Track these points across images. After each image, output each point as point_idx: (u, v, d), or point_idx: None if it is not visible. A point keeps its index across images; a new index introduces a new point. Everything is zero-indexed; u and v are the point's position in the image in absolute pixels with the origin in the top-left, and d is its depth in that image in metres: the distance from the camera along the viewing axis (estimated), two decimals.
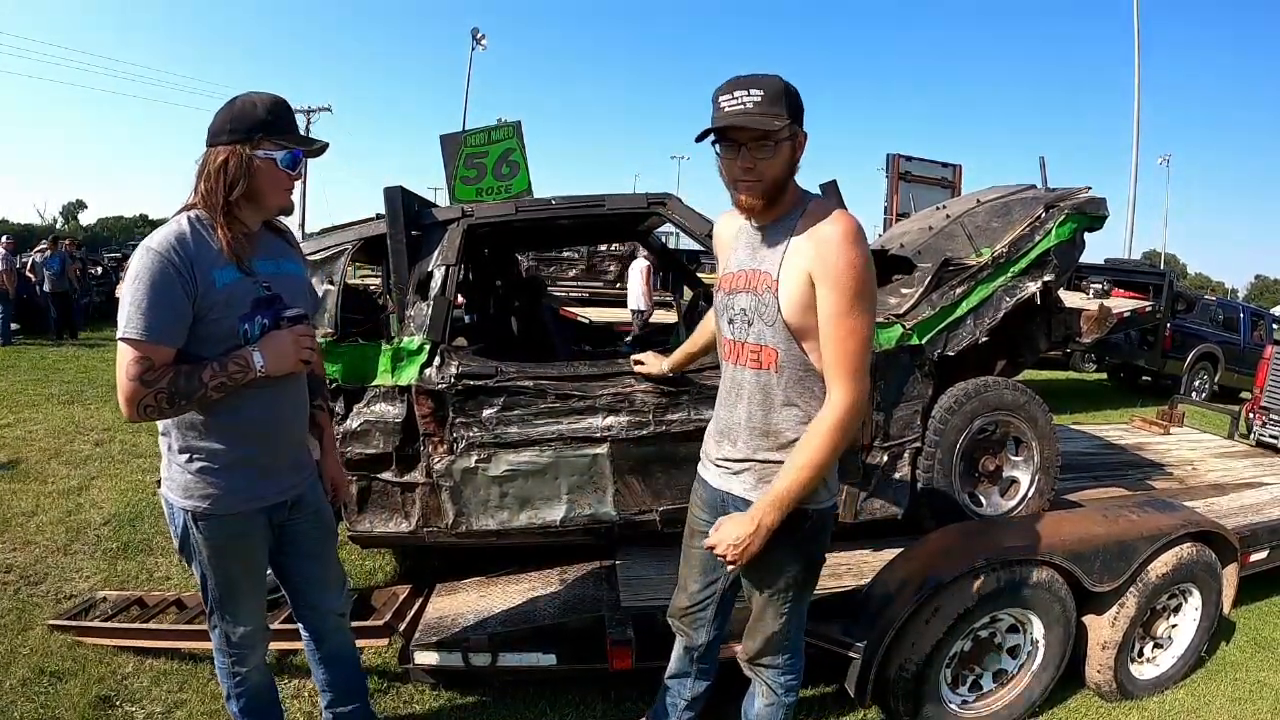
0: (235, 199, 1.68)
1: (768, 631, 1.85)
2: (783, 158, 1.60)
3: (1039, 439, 2.99)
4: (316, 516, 2.01)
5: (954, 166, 12.21)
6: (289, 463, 1.90)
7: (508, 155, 3.09)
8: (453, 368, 2.57)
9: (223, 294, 1.67)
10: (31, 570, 3.51)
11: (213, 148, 1.68)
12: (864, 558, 2.83)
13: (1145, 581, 2.67)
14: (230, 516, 1.78)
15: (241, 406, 1.73)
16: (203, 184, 1.68)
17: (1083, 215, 3.10)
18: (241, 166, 1.66)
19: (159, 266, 1.59)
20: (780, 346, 1.65)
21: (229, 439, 1.75)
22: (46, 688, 2.59)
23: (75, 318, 12.17)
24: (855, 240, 1.57)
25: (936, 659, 2.38)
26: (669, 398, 2.59)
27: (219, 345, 1.69)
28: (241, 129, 1.67)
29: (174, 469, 1.76)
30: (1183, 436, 5.17)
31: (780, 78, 1.59)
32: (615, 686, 2.67)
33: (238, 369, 1.67)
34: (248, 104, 1.69)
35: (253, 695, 2.01)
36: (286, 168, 1.72)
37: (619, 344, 5.42)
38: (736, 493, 1.77)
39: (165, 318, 1.60)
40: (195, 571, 1.86)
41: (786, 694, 1.91)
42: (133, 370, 1.58)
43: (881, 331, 2.73)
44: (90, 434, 5.94)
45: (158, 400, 1.60)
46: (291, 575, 2.02)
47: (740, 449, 1.75)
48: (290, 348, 1.75)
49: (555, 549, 2.93)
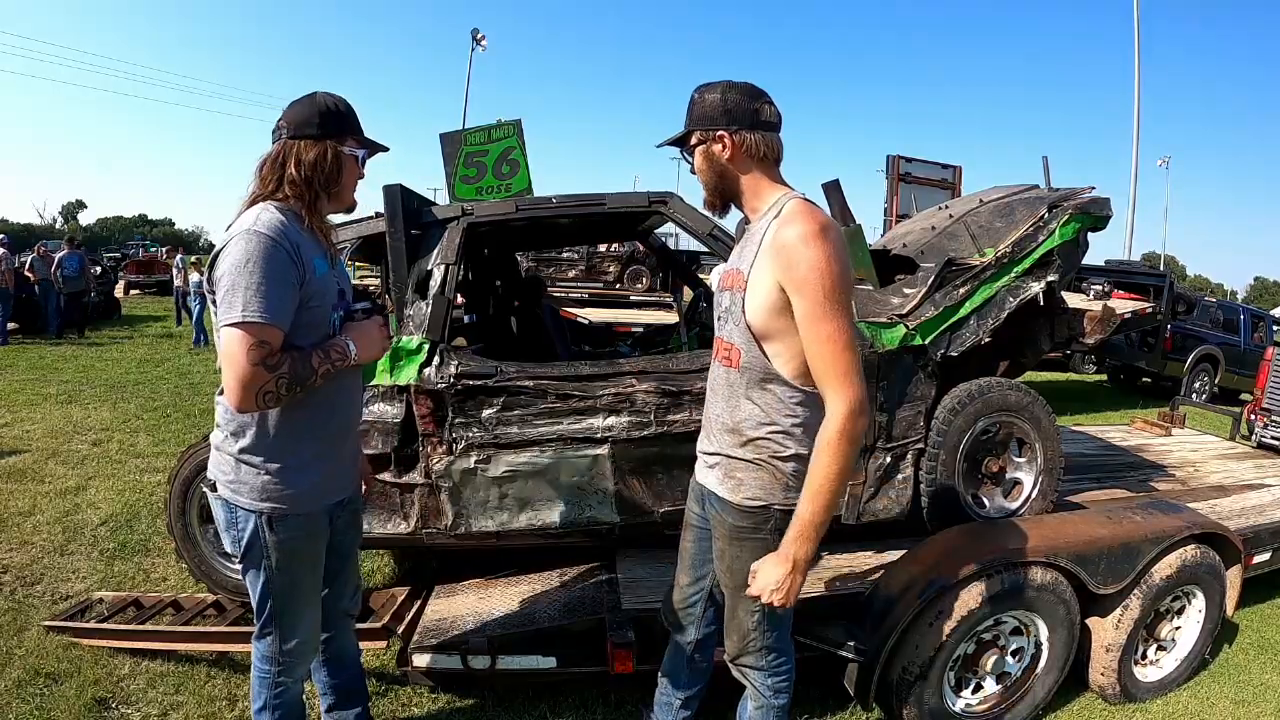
0: (330, 193, 1.74)
1: (743, 629, 1.83)
2: (707, 161, 1.70)
3: (1042, 440, 2.97)
4: (354, 515, 2.04)
5: (954, 168, 12.22)
6: (351, 459, 1.93)
7: (508, 154, 3.07)
8: (452, 368, 2.55)
9: (320, 283, 1.71)
10: (28, 571, 3.49)
11: (298, 140, 1.70)
12: (867, 560, 2.81)
13: (1149, 583, 2.66)
14: (306, 516, 1.78)
15: (320, 402, 1.74)
16: (293, 173, 1.69)
17: (1086, 215, 3.08)
18: (335, 161, 1.72)
19: (273, 249, 1.59)
20: (743, 347, 1.68)
21: (310, 436, 1.75)
22: (42, 689, 2.57)
23: (83, 317, 12.16)
24: (817, 239, 1.53)
25: (940, 661, 2.36)
26: (670, 398, 2.57)
27: (314, 333, 1.71)
28: (331, 124, 1.72)
29: (244, 471, 1.71)
30: (1184, 438, 5.16)
31: (707, 86, 1.69)
32: (616, 690, 2.65)
33: (338, 356, 1.71)
34: (330, 101, 1.74)
35: (289, 708, 1.96)
36: (361, 166, 1.81)
37: (619, 344, 5.40)
38: (710, 486, 1.82)
39: (283, 300, 1.60)
40: (257, 580, 1.79)
41: (775, 696, 1.89)
42: (255, 355, 1.55)
43: (884, 332, 2.71)
44: (88, 434, 5.92)
45: (278, 386, 1.58)
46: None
47: (714, 443, 1.80)
48: (378, 336, 1.82)
49: (555, 551, 2.91)
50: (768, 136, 1.68)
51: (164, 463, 5.09)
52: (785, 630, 1.88)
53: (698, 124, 1.69)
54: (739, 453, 1.72)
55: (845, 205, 3.16)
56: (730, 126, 1.66)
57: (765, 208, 1.69)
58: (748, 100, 1.67)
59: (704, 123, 1.68)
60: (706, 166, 1.71)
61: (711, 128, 1.67)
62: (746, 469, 1.72)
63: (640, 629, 2.38)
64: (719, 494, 1.77)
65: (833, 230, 1.58)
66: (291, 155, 1.70)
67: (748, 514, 1.72)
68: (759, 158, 1.68)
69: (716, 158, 1.69)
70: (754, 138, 1.66)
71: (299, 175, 1.69)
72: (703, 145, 1.70)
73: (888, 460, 2.77)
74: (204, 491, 2.82)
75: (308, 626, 1.89)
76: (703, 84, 1.71)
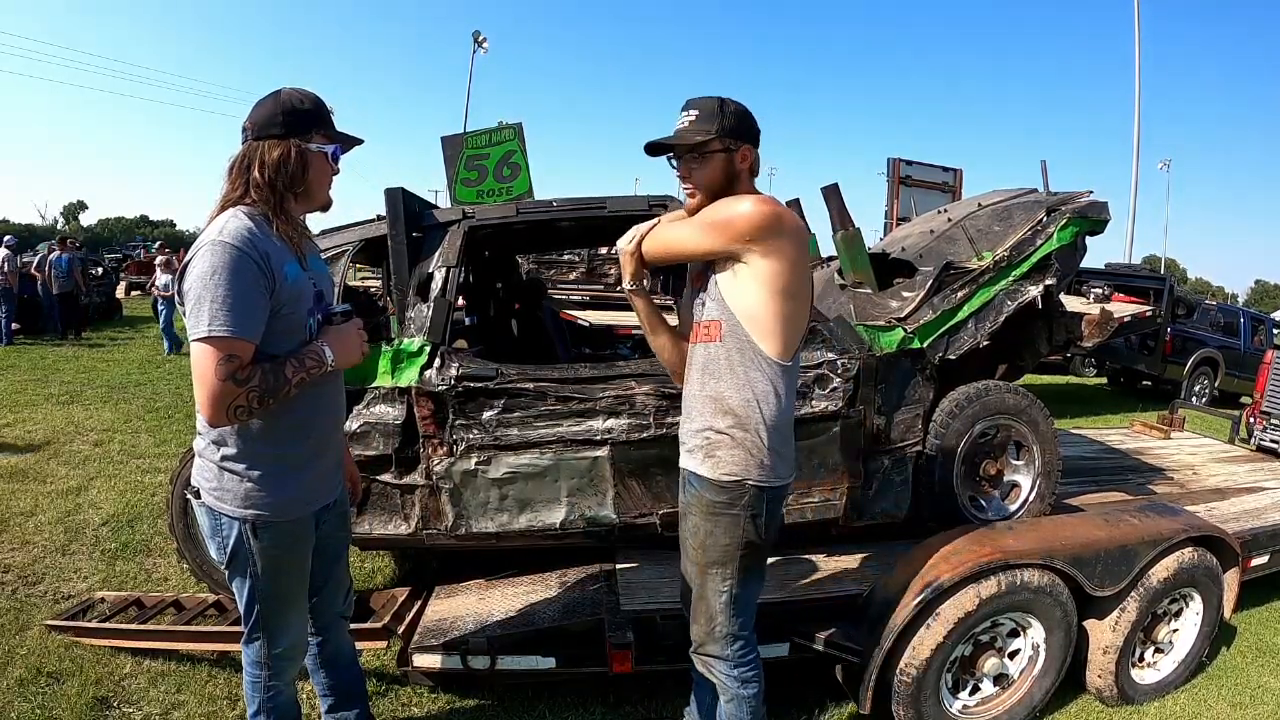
0: (295, 193, 1.69)
1: (710, 611, 1.87)
2: (715, 167, 1.79)
3: (1040, 443, 2.99)
4: (342, 518, 2.01)
5: (954, 171, 12.24)
6: (335, 463, 1.90)
7: (509, 157, 3.09)
8: (453, 370, 2.57)
9: (293, 288, 1.66)
10: (30, 570, 3.50)
11: (262, 141, 1.66)
12: (865, 561, 2.82)
13: (1146, 586, 2.67)
14: (291, 522, 1.75)
15: (301, 407, 1.71)
16: (257, 176, 1.64)
17: (1084, 219, 3.10)
18: (299, 160, 1.67)
19: (239, 260, 1.54)
20: (723, 319, 1.78)
21: (293, 442, 1.72)
22: (44, 688, 2.58)
23: (79, 317, 12.17)
24: (744, 199, 1.73)
25: (937, 663, 2.37)
26: (669, 401, 2.58)
27: (289, 340, 1.67)
28: (295, 123, 1.66)
29: (226, 478, 1.69)
30: (1183, 441, 5.17)
31: (719, 99, 1.80)
32: (615, 690, 2.66)
33: (314, 363, 1.67)
34: (294, 98, 1.68)
35: (283, 711, 1.96)
36: (333, 162, 1.74)
37: (620, 347, 5.41)
38: (690, 468, 1.88)
39: (251, 312, 1.56)
40: (243, 586, 1.78)
41: (744, 686, 1.90)
42: (223, 370, 1.52)
43: (883, 335, 2.73)
44: (89, 434, 5.93)
45: (249, 400, 1.55)
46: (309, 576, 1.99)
47: (694, 421, 1.86)
48: (355, 341, 1.78)
49: (555, 552, 2.92)
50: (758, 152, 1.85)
51: (165, 463, 5.10)
52: (750, 618, 1.92)
53: (729, 134, 1.78)
54: (719, 423, 1.79)
55: (844, 209, 3.17)
56: (751, 141, 1.82)
57: None
58: (754, 120, 1.83)
59: (734, 134, 1.78)
60: (720, 174, 1.80)
61: (737, 139, 1.79)
62: (727, 445, 1.78)
63: (639, 630, 2.39)
64: (699, 472, 1.83)
65: (770, 204, 1.73)
66: (255, 157, 1.65)
67: (724, 489, 1.79)
68: (755, 170, 1.85)
69: (735, 167, 1.80)
70: (757, 155, 1.84)
71: (263, 178, 1.64)
72: (725, 154, 1.79)
73: (886, 462, 2.79)
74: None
75: (295, 631, 1.89)
76: (716, 96, 1.81)
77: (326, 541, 1.92)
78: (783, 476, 1.84)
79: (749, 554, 1.83)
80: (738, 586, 1.85)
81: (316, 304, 1.76)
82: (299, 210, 1.76)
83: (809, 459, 2.66)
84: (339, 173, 1.80)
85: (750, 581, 1.88)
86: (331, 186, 1.80)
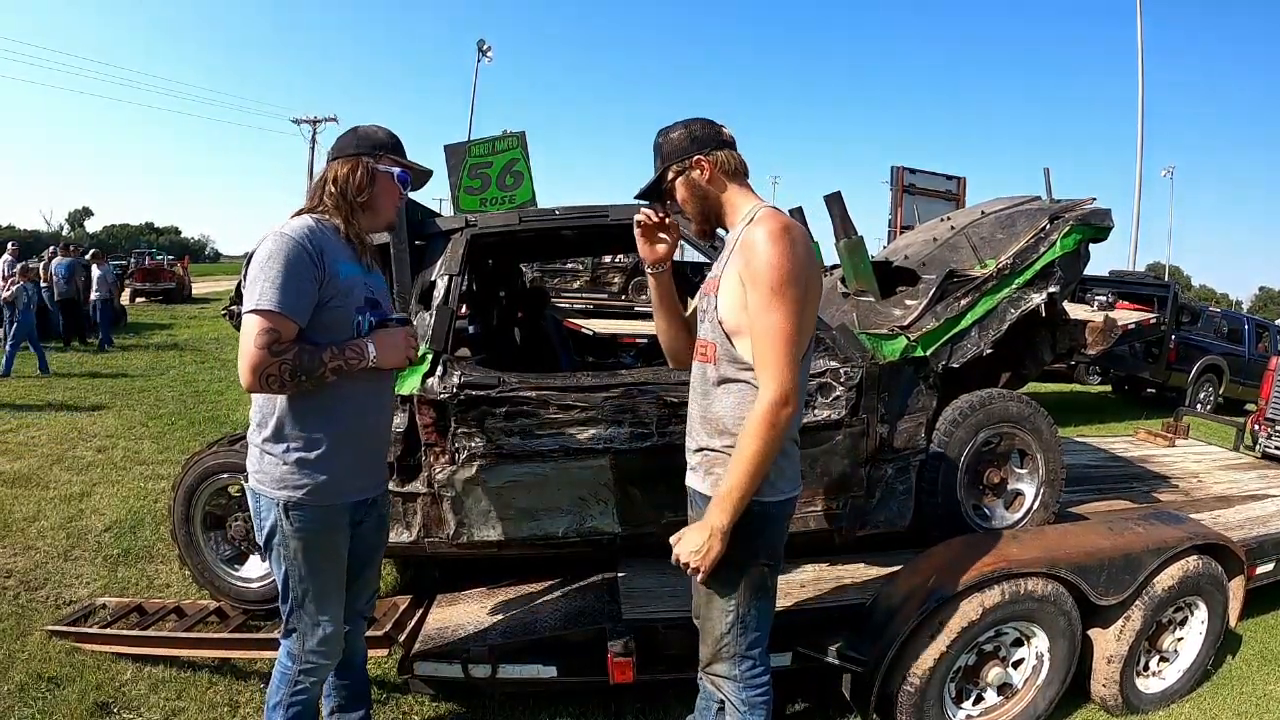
0: (360, 203, 1.88)
1: (715, 632, 1.83)
2: (682, 194, 1.81)
3: (1044, 451, 2.97)
4: (380, 522, 2.09)
5: (958, 179, 12.20)
6: (374, 462, 1.99)
7: (512, 165, 3.10)
8: (455, 378, 2.57)
9: (344, 285, 1.82)
10: (31, 575, 3.51)
11: (337, 159, 1.88)
12: (868, 570, 2.81)
13: (1151, 595, 2.65)
14: (321, 508, 1.83)
15: (341, 399, 1.83)
16: (330, 187, 1.86)
17: (1087, 226, 3.10)
18: (366, 174, 1.87)
19: (293, 248, 1.73)
20: (717, 342, 1.77)
21: (327, 430, 1.82)
22: (44, 693, 2.58)
23: (83, 324, 12.19)
24: (777, 238, 1.64)
25: (940, 672, 2.36)
26: (671, 409, 2.58)
27: (335, 332, 1.81)
28: (366, 145, 1.89)
29: (267, 461, 1.82)
30: (1187, 449, 5.15)
31: (661, 130, 1.83)
32: (616, 699, 2.65)
33: (354, 355, 1.80)
34: (371, 129, 1.93)
35: (303, 710, 1.98)
36: (400, 183, 1.93)
37: (623, 355, 5.41)
38: (693, 485, 1.88)
39: (296, 294, 1.72)
40: (279, 569, 1.88)
41: (751, 711, 1.84)
42: (261, 339, 1.67)
43: (886, 343, 2.72)
44: (93, 440, 5.95)
45: (280, 371, 1.69)
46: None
47: (694, 440, 1.87)
48: (402, 344, 1.91)
49: (557, 560, 2.92)
50: (733, 153, 1.81)
51: (168, 470, 5.11)
52: (762, 638, 1.87)
53: (670, 159, 1.81)
54: (716, 444, 1.78)
55: (847, 217, 3.18)
56: (702, 150, 1.78)
57: (738, 220, 1.80)
58: (708, 126, 1.81)
59: (676, 156, 1.80)
60: (689, 195, 1.81)
61: (685, 157, 1.79)
62: (724, 464, 1.75)
63: (641, 639, 2.38)
64: (702, 491, 1.82)
65: (795, 231, 1.68)
66: (330, 172, 1.88)
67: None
68: (732, 173, 1.80)
69: (697, 183, 1.79)
70: (724, 154, 1.79)
71: (335, 189, 1.86)
72: (682, 176, 1.80)
73: (889, 471, 2.78)
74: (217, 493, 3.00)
75: (330, 626, 1.92)
76: (661, 129, 1.84)
77: (363, 542, 1.99)
78: (785, 491, 1.80)
79: (755, 572, 1.80)
80: (744, 606, 1.80)
81: (371, 309, 1.90)
82: (366, 225, 1.93)
83: (811, 468, 2.65)
84: (405, 197, 2.00)
85: (758, 600, 1.82)
86: (397, 210, 1.99)
